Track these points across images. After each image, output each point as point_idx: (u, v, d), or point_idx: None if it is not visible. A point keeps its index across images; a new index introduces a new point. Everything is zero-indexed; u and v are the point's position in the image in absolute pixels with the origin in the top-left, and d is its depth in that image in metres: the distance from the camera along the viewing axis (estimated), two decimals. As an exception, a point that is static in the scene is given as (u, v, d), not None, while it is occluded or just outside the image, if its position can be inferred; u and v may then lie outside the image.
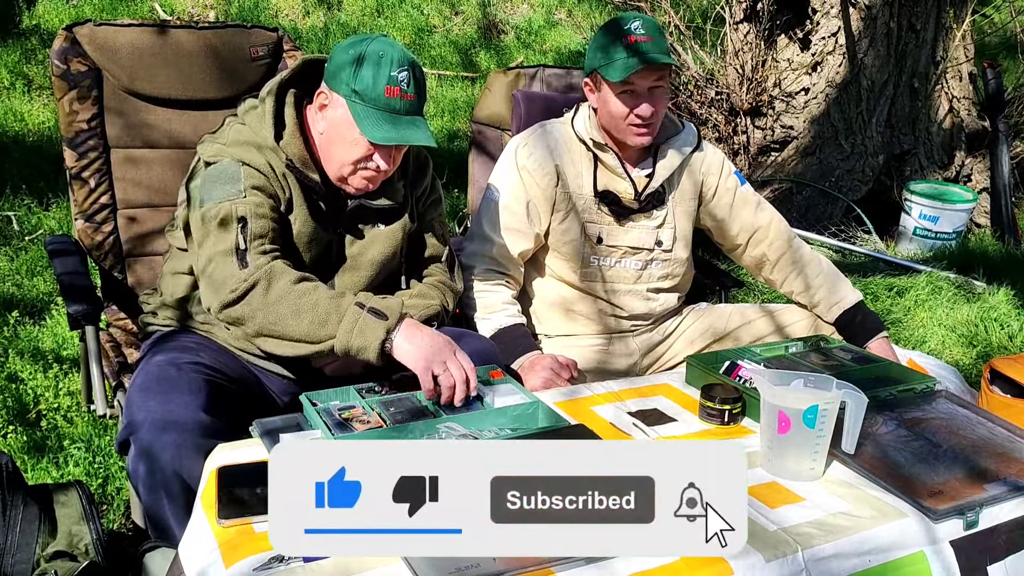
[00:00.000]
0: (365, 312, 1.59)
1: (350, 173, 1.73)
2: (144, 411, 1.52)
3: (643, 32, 2.01)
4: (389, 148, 1.70)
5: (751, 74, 4.59)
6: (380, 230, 1.84)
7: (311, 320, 1.58)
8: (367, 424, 1.53)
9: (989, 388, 2.20)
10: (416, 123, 1.68)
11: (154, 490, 1.53)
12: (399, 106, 1.66)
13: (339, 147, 1.71)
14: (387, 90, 1.64)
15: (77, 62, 2.06)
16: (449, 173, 4.34)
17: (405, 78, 1.66)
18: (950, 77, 4.73)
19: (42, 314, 2.97)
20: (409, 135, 1.67)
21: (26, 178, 3.74)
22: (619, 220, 2.17)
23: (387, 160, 1.72)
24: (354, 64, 1.65)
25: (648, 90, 2.03)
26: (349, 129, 1.67)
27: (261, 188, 1.68)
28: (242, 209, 1.64)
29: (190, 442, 1.51)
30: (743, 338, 2.27)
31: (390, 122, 1.65)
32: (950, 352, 3.28)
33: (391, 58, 1.65)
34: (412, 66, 1.68)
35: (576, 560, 1.21)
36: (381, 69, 1.64)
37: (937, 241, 4.41)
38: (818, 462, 1.50)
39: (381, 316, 1.59)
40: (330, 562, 1.22)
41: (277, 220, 1.70)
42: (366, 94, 1.65)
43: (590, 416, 1.70)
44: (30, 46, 4.60)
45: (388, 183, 1.81)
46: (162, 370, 1.60)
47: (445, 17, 5.87)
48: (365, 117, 1.65)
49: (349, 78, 1.65)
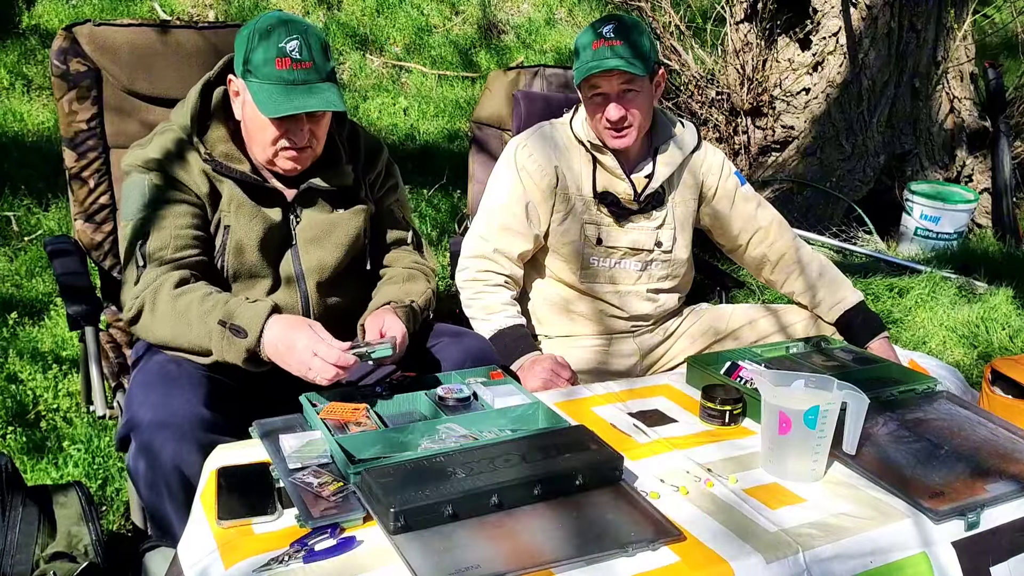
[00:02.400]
0: (227, 331, 1.58)
1: (273, 155, 1.72)
2: (145, 407, 1.52)
3: (613, 35, 1.99)
4: (299, 123, 1.68)
5: (751, 74, 4.59)
6: (339, 214, 1.83)
7: (193, 335, 1.60)
8: (367, 425, 1.53)
9: (990, 389, 2.20)
10: (314, 90, 1.64)
11: (154, 486, 1.53)
12: (293, 76, 1.63)
13: (255, 131, 1.71)
14: (277, 62, 1.62)
15: (77, 62, 2.06)
16: (449, 173, 4.34)
17: (296, 46, 1.62)
18: (951, 77, 4.73)
19: (41, 315, 2.97)
20: (305, 103, 1.63)
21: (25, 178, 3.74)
22: (618, 221, 2.17)
23: (299, 136, 1.69)
24: (246, 43, 1.65)
25: (618, 94, 2.03)
26: (255, 111, 1.66)
27: (167, 198, 1.70)
28: (144, 223, 1.68)
29: (190, 437, 1.51)
30: (744, 339, 2.27)
31: (284, 94, 1.62)
32: (951, 353, 3.27)
33: (279, 30, 1.63)
34: (304, 33, 1.64)
35: (576, 560, 1.21)
36: (270, 42, 1.62)
37: (938, 241, 4.40)
38: (819, 463, 1.50)
39: (240, 334, 1.58)
40: (330, 562, 1.22)
41: (191, 224, 1.71)
42: (259, 70, 1.63)
43: (590, 417, 1.70)
44: (30, 46, 4.60)
45: (333, 165, 1.81)
46: (162, 367, 1.60)
47: (445, 17, 5.86)
48: (260, 94, 1.64)
49: (243, 57, 1.65)
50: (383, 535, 1.26)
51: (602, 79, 2.01)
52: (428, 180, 4.33)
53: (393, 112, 5.06)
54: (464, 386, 1.69)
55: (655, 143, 2.18)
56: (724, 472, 1.51)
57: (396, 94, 5.21)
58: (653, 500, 1.39)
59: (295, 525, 1.29)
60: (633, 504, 1.36)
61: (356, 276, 1.89)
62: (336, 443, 1.42)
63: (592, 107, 2.07)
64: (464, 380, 1.73)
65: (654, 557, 1.25)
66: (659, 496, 1.41)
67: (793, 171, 4.55)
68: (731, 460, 1.56)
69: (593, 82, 2.02)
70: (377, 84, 5.24)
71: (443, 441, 1.49)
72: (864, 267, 4.01)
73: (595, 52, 2.00)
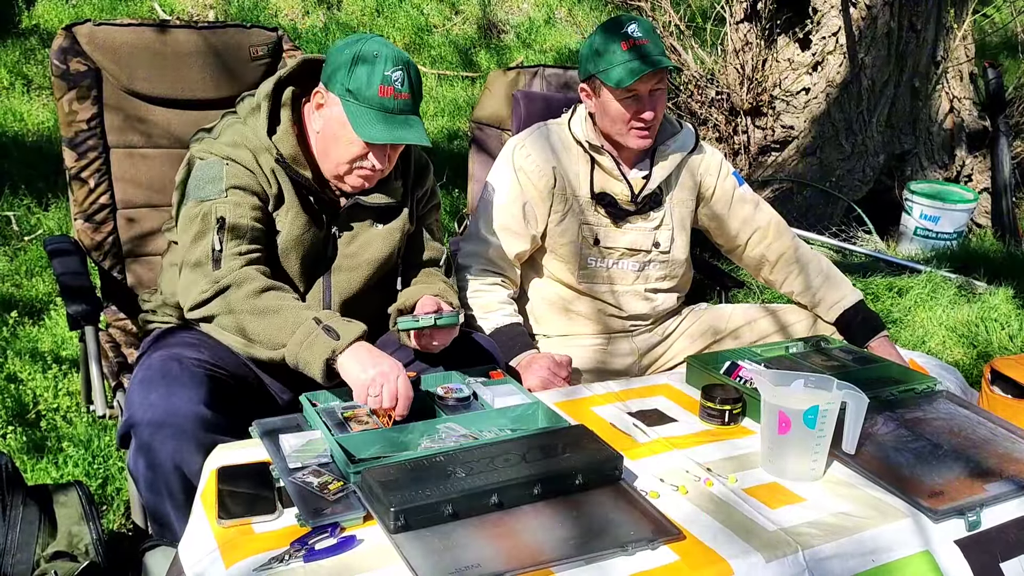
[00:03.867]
0: (319, 328, 1.58)
1: (346, 172, 1.74)
2: (145, 405, 1.52)
3: (640, 35, 2.00)
4: (384, 147, 1.71)
5: (751, 74, 4.59)
6: (378, 229, 1.84)
7: (270, 324, 1.59)
8: (366, 425, 1.53)
9: (990, 388, 2.20)
10: (410, 122, 1.69)
11: (154, 485, 1.53)
12: (393, 105, 1.66)
13: (335, 146, 1.72)
14: (381, 89, 1.65)
15: (77, 62, 2.06)
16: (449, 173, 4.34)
17: (400, 77, 1.66)
18: (951, 77, 4.73)
19: (41, 314, 2.97)
20: (402, 135, 1.67)
21: (25, 178, 3.74)
22: (616, 222, 2.17)
23: (382, 159, 1.73)
24: (350, 64, 1.66)
25: (649, 93, 2.03)
26: (344, 128, 1.68)
27: (244, 187, 1.70)
28: (222, 209, 1.67)
29: (190, 436, 1.51)
30: (743, 338, 2.27)
31: (383, 121, 1.66)
32: (950, 352, 3.28)
33: (386, 57, 1.66)
34: (407, 66, 1.69)
35: (576, 559, 1.22)
36: (376, 68, 1.65)
37: (938, 241, 4.40)
38: (819, 462, 1.50)
39: (333, 335, 1.57)
40: (330, 562, 1.22)
41: (260, 219, 1.71)
42: (360, 93, 1.65)
43: (590, 416, 1.70)
44: (30, 46, 4.60)
45: (385, 181, 1.82)
46: (164, 364, 1.60)
47: (445, 17, 5.86)
48: (358, 116, 1.66)
49: (344, 77, 1.66)
50: (383, 534, 1.27)
51: (643, 80, 2.00)
52: (428, 180, 4.33)
53: (393, 112, 5.06)
54: (464, 386, 1.69)
55: (654, 143, 2.18)
56: (724, 471, 1.51)
57: (396, 94, 5.20)
58: (653, 499, 1.39)
59: (295, 524, 1.29)
60: (633, 503, 1.37)
61: (383, 293, 1.89)
62: (336, 443, 1.43)
63: (625, 108, 2.04)
64: (464, 380, 1.73)
65: (654, 556, 1.25)
66: (659, 495, 1.42)
67: (793, 171, 4.56)
68: (731, 459, 1.56)
69: (634, 84, 2.00)
70: (377, 84, 5.23)
71: (443, 441, 1.49)
72: (864, 267, 4.01)
73: (628, 53, 1.99)
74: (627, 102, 2.04)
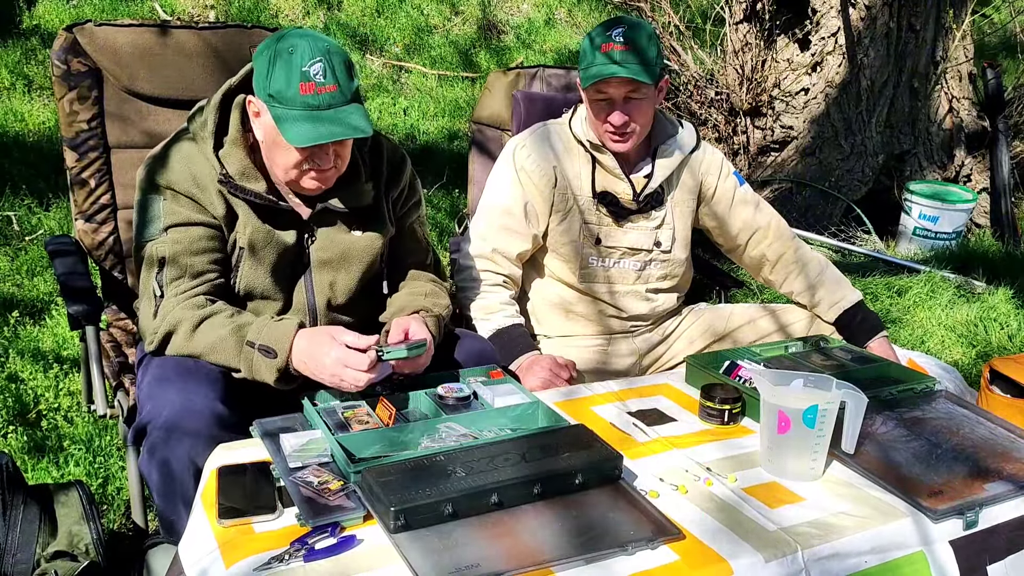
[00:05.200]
0: (255, 352, 1.58)
1: (297, 177, 1.67)
2: (163, 402, 1.51)
3: (621, 40, 1.98)
4: (324, 147, 1.63)
5: (751, 74, 4.59)
6: (356, 237, 1.79)
7: (217, 357, 1.60)
8: (367, 424, 1.53)
9: (989, 388, 2.20)
10: (341, 116, 1.59)
11: (169, 482, 1.52)
12: (318, 101, 1.57)
13: (276, 153, 1.66)
14: (301, 88, 1.56)
15: (77, 62, 2.06)
16: (449, 173, 4.35)
17: (319, 69, 1.56)
18: (950, 77, 4.73)
19: (42, 314, 2.97)
20: (333, 130, 1.58)
21: (26, 178, 3.74)
22: (617, 221, 2.17)
23: (326, 160, 1.65)
24: (268, 66, 1.58)
25: (624, 99, 2.02)
26: (278, 134, 1.60)
27: (183, 222, 1.67)
28: (162, 249, 1.66)
29: (206, 435, 1.51)
30: (743, 338, 2.27)
31: (310, 121, 1.57)
32: (950, 352, 3.28)
33: (301, 52, 1.56)
34: (328, 54, 1.57)
35: (576, 559, 1.22)
36: (292, 66, 1.56)
37: (937, 241, 4.41)
38: (818, 462, 1.50)
39: (271, 354, 1.57)
40: (330, 562, 1.22)
41: (208, 248, 1.68)
42: (282, 96, 1.57)
43: (590, 416, 1.71)
44: (30, 46, 4.60)
45: (351, 182, 1.76)
46: (178, 361, 1.60)
47: (445, 17, 5.87)
48: (285, 120, 1.58)
49: (265, 82, 1.59)
50: (383, 534, 1.27)
51: (608, 84, 2.00)
52: (428, 180, 4.34)
53: (393, 112, 5.07)
54: (464, 385, 1.69)
55: (654, 143, 2.18)
56: (723, 471, 1.51)
57: (396, 94, 5.21)
58: (652, 499, 1.40)
59: (295, 524, 1.29)
60: (632, 503, 1.37)
61: (370, 298, 1.86)
62: (336, 442, 1.43)
63: (596, 110, 2.07)
64: (464, 380, 1.73)
65: (653, 556, 1.25)
66: (658, 495, 1.42)
67: (792, 171, 4.56)
68: (730, 459, 1.56)
69: (599, 86, 2.01)
70: (377, 84, 5.24)
71: (443, 440, 1.49)
72: (863, 267, 4.01)
73: (603, 56, 1.99)
74: (598, 104, 2.05)
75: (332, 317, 1.82)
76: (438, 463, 1.37)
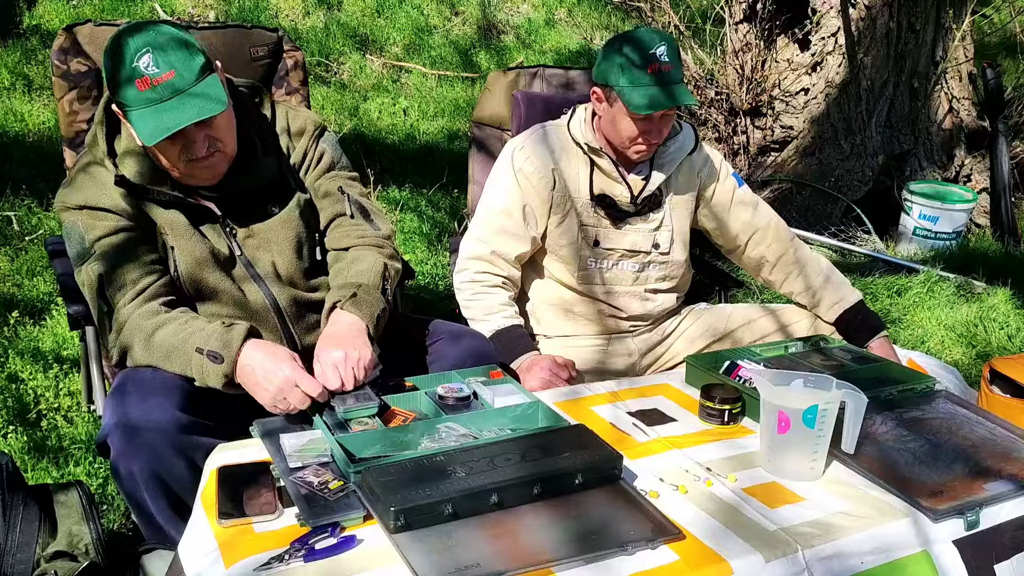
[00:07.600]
0: (204, 357, 1.55)
1: (185, 171, 1.65)
2: (119, 414, 1.51)
3: (668, 59, 1.98)
4: (189, 135, 1.58)
5: (751, 74, 4.59)
6: (277, 215, 1.76)
7: (173, 364, 1.58)
8: (366, 425, 1.53)
9: (989, 388, 2.20)
10: (184, 100, 1.54)
11: (134, 490, 1.53)
12: (158, 94, 1.53)
13: (155, 153, 1.63)
14: (137, 85, 1.52)
15: (77, 62, 2.06)
16: (449, 173, 4.34)
17: (148, 61, 1.52)
18: (950, 77, 4.73)
19: (42, 314, 2.97)
20: (178, 118, 1.53)
21: (26, 178, 3.74)
22: (616, 223, 2.17)
23: (198, 148, 1.60)
24: (108, 73, 1.57)
25: (661, 117, 2.03)
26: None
27: (106, 232, 1.64)
28: (96, 268, 1.63)
29: (167, 441, 1.50)
30: (743, 338, 2.27)
31: (154, 115, 1.53)
32: (950, 352, 3.28)
33: (127, 49, 1.52)
34: (152, 44, 1.53)
35: (575, 559, 1.22)
36: (124, 67, 1.52)
37: (937, 241, 4.41)
38: (818, 462, 1.50)
39: (218, 359, 1.54)
40: (330, 562, 1.22)
41: (138, 252, 1.66)
42: (124, 96, 1.55)
43: (590, 416, 1.71)
44: (30, 46, 4.60)
45: (250, 164, 1.72)
46: (136, 373, 1.59)
47: (445, 17, 5.87)
48: (135, 119, 1.55)
49: (111, 89, 1.57)
50: (383, 534, 1.27)
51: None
52: (428, 180, 4.34)
53: (393, 112, 5.07)
54: (464, 385, 1.69)
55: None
56: (723, 471, 1.51)
57: (396, 94, 5.21)
58: (652, 499, 1.40)
59: (296, 524, 1.30)
60: (632, 503, 1.37)
61: (317, 266, 1.83)
62: (336, 442, 1.43)
63: (631, 128, 2.04)
64: (464, 380, 1.73)
65: (653, 556, 1.26)
66: (658, 495, 1.42)
67: (792, 171, 4.56)
68: (730, 459, 1.56)
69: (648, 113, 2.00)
70: (377, 84, 5.24)
71: (443, 440, 1.49)
72: (863, 267, 4.01)
73: (658, 77, 1.97)
74: (639, 123, 2.03)
75: (293, 300, 1.78)
76: (438, 463, 1.37)
